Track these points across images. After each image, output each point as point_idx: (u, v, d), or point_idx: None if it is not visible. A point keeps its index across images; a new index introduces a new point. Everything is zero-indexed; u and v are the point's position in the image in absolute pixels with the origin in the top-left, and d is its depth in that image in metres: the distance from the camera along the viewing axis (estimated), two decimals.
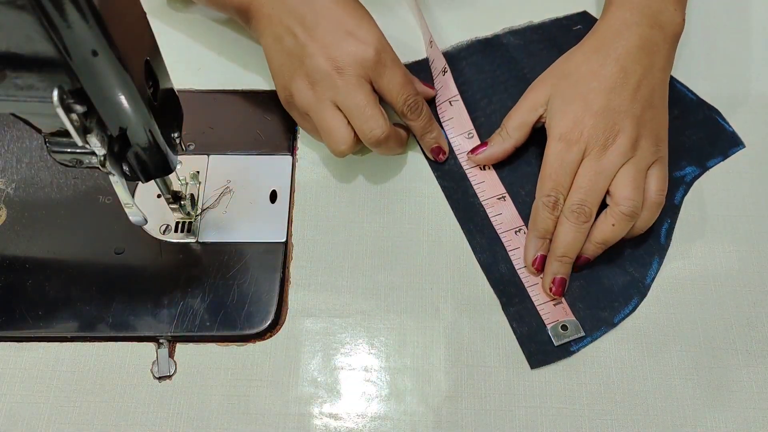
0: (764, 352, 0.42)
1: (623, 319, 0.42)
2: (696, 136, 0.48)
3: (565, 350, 0.41)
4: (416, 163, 0.48)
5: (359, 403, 0.40)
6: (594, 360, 0.41)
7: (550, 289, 0.42)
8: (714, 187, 0.47)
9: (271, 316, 0.42)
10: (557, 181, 0.42)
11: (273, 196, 0.46)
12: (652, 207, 0.42)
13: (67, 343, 0.42)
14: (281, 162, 0.47)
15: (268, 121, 0.49)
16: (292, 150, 0.48)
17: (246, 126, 0.48)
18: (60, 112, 0.27)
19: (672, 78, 0.49)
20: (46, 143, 0.33)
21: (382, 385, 0.41)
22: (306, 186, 0.47)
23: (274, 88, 0.50)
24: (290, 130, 0.48)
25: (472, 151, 0.47)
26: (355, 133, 0.43)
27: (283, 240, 0.44)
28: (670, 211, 0.45)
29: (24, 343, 0.42)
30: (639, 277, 0.43)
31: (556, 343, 0.41)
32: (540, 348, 0.41)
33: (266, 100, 0.49)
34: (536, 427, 0.40)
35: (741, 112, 0.50)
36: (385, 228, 0.45)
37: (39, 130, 0.32)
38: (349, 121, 0.42)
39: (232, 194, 0.46)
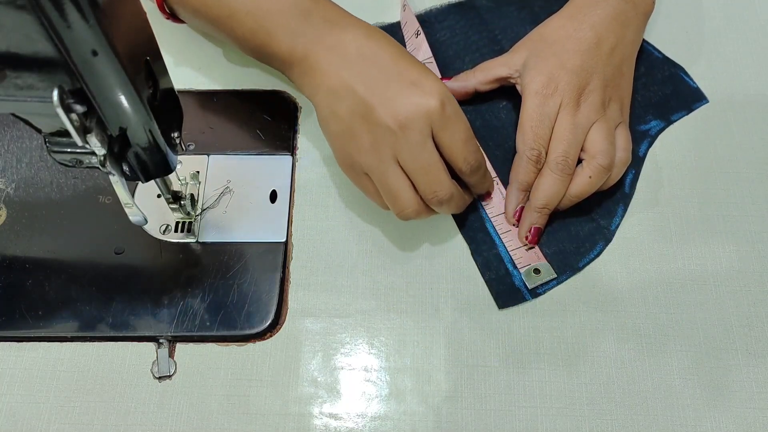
0: (764, 352, 0.42)
1: (588, 263, 0.44)
2: (661, 91, 0.51)
3: (533, 292, 0.43)
4: None
5: (359, 403, 0.40)
6: (594, 360, 0.41)
7: (526, 238, 0.44)
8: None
9: (271, 316, 0.42)
10: (538, 134, 0.43)
11: (273, 196, 0.46)
12: (620, 164, 0.44)
13: (67, 343, 0.42)
14: (281, 162, 0.47)
15: (268, 121, 0.49)
16: (292, 150, 0.48)
17: (246, 126, 0.48)
18: (60, 112, 0.27)
19: None
20: (46, 143, 0.33)
21: (382, 385, 0.41)
22: (306, 186, 0.47)
23: (274, 88, 0.50)
24: (290, 130, 0.48)
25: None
26: (420, 196, 0.40)
27: (283, 240, 0.44)
28: (634, 162, 0.47)
29: (24, 343, 0.42)
30: (604, 224, 0.45)
31: (529, 286, 0.43)
32: (507, 290, 0.43)
33: (266, 100, 0.49)
34: (536, 427, 0.40)
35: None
36: (385, 228, 0.45)
37: (39, 130, 0.32)
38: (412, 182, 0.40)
39: (232, 194, 0.46)
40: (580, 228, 0.45)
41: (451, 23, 0.53)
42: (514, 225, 0.45)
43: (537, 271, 0.43)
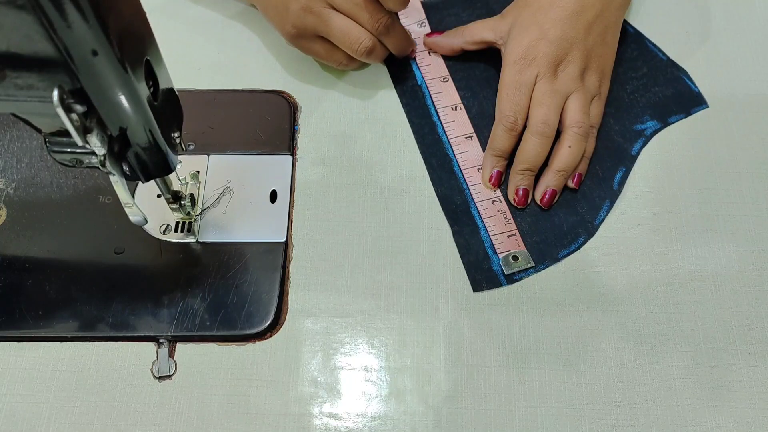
0: (764, 352, 0.42)
1: (568, 255, 0.44)
2: (662, 93, 0.51)
3: (510, 278, 0.44)
4: (416, 164, 0.48)
5: (359, 403, 0.40)
6: (594, 360, 0.41)
7: (514, 200, 0.45)
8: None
9: (271, 316, 0.42)
10: (514, 101, 0.45)
11: (273, 196, 0.46)
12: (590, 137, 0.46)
13: (67, 343, 0.42)
14: (281, 162, 0.47)
15: (268, 121, 0.49)
16: (292, 150, 0.48)
17: (246, 126, 0.48)
18: (60, 111, 0.27)
19: (644, 37, 0.53)
20: (46, 143, 0.33)
21: (382, 385, 0.41)
22: (306, 186, 0.47)
23: (274, 88, 0.50)
24: (290, 130, 0.48)
25: (427, 34, 0.52)
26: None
27: (283, 240, 0.44)
28: (626, 160, 0.48)
29: (24, 343, 0.42)
30: (589, 218, 0.46)
31: (506, 272, 0.43)
32: (484, 275, 0.44)
33: (266, 100, 0.49)
34: (536, 427, 0.40)
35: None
36: (385, 228, 0.45)
37: (39, 130, 0.32)
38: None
39: (232, 194, 0.46)
40: (564, 220, 0.45)
41: (457, 11, 0.54)
42: (491, 189, 0.46)
43: (515, 257, 0.44)
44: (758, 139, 0.49)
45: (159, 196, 0.44)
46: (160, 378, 0.41)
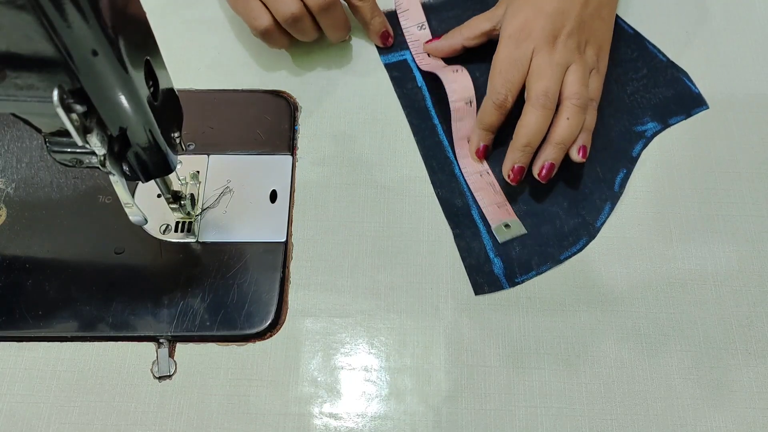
0: (764, 352, 0.42)
1: (570, 257, 0.44)
2: (662, 94, 0.51)
3: (510, 281, 0.44)
4: (416, 164, 0.48)
5: (359, 403, 0.40)
6: (594, 360, 0.41)
7: (509, 176, 0.44)
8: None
9: (271, 316, 0.42)
10: (506, 77, 0.44)
11: (273, 196, 0.46)
12: (589, 109, 0.45)
13: (67, 343, 0.42)
14: (281, 162, 0.47)
15: (268, 121, 0.49)
16: (292, 150, 0.48)
17: (246, 126, 0.48)
18: (60, 111, 0.27)
19: (643, 38, 0.53)
20: (46, 143, 0.33)
21: (382, 385, 0.41)
22: (306, 186, 0.47)
23: (274, 88, 0.50)
24: (290, 130, 0.48)
25: (427, 41, 0.51)
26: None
27: (283, 240, 0.44)
28: (626, 161, 0.48)
29: (24, 343, 0.42)
30: (590, 220, 0.46)
31: (500, 241, 0.44)
32: (486, 279, 0.44)
33: (266, 100, 0.49)
34: (536, 427, 0.40)
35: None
36: (385, 228, 0.45)
37: (39, 130, 0.32)
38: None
39: (232, 194, 0.46)
40: (565, 222, 0.45)
41: (457, 12, 0.54)
42: (477, 162, 0.46)
43: (507, 225, 0.44)
44: (758, 139, 0.49)
45: (159, 196, 0.44)
46: (160, 378, 0.41)
